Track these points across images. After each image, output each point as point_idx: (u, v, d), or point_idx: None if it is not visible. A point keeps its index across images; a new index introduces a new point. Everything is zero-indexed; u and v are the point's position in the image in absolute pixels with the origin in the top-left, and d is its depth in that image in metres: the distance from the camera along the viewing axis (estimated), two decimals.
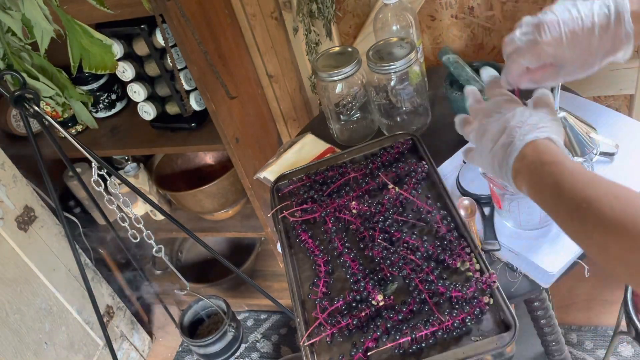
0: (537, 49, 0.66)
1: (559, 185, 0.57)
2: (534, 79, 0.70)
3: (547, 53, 0.65)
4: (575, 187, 0.56)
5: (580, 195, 0.55)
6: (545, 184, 0.59)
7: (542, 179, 0.60)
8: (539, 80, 0.70)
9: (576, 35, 0.63)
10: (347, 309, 0.79)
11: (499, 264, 0.87)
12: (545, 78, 0.69)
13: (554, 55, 0.66)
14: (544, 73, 0.69)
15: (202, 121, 1.45)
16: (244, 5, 1.36)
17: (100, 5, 0.84)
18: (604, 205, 0.52)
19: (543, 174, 0.60)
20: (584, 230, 0.54)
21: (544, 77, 0.69)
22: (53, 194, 0.96)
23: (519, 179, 0.63)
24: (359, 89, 1.13)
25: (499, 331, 0.71)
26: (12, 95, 0.84)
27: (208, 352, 1.33)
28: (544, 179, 0.59)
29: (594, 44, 0.63)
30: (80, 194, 1.80)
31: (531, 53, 0.67)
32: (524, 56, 0.68)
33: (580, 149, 0.91)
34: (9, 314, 1.43)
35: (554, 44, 0.65)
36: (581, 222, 0.54)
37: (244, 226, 1.69)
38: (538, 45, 0.66)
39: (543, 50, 0.66)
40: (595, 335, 1.57)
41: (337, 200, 0.93)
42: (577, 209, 0.54)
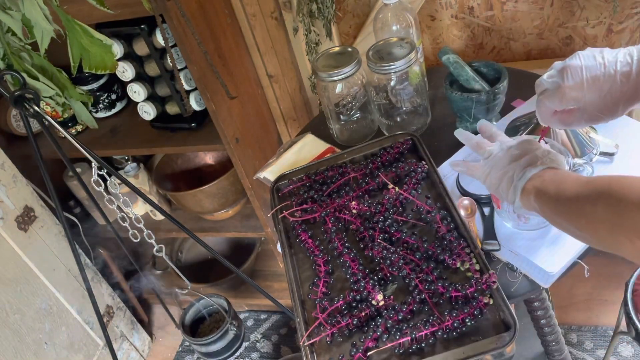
0: (560, 92, 0.69)
1: (562, 181, 0.64)
2: (562, 120, 0.74)
3: (569, 97, 0.69)
4: (577, 177, 0.63)
5: (581, 180, 0.62)
6: (550, 185, 0.65)
7: (546, 183, 0.66)
8: (565, 121, 0.73)
9: (598, 81, 0.66)
10: (347, 309, 0.79)
11: (498, 264, 0.87)
12: (571, 120, 0.73)
13: (575, 99, 0.69)
14: (569, 115, 0.72)
15: (202, 121, 1.45)
16: (244, 5, 1.36)
17: (100, 5, 0.84)
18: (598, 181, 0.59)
19: (548, 181, 0.66)
20: (579, 205, 0.60)
21: (569, 119, 0.73)
22: (53, 194, 0.96)
23: (527, 192, 0.69)
24: (359, 89, 1.13)
25: (499, 331, 0.71)
26: (12, 95, 0.83)
27: (209, 351, 1.33)
28: (548, 183, 0.66)
29: (616, 91, 0.66)
30: (80, 194, 1.80)
31: (555, 96, 0.70)
32: (549, 99, 0.71)
33: (580, 149, 0.91)
34: (9, 314, 1.44)
35: (575, 88, 0.68)
36: (577, 199, 0.61)
37: (244, 226, 1.69)
38: (561, 89, 0.69)
39: (565, 94, 0.69)
40: (595, 335, 1.57)
41: (337, 200, 0.93)
42: (575, 192, 0.61)
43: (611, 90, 0.66)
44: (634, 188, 0.54)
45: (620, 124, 1.00)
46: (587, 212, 0.59)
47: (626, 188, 0.55)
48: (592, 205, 0.58)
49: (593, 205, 0.58)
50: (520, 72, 1.20)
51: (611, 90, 0.66)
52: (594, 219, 0.58)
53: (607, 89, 0.66)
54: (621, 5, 1.23)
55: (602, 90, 0.66)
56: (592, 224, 0.59)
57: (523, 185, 0.69)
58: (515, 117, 1.02)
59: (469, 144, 0.82)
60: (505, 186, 0.72)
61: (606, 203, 0.56)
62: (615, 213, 0.55)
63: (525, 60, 1.39)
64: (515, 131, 0.97)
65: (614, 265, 1.67)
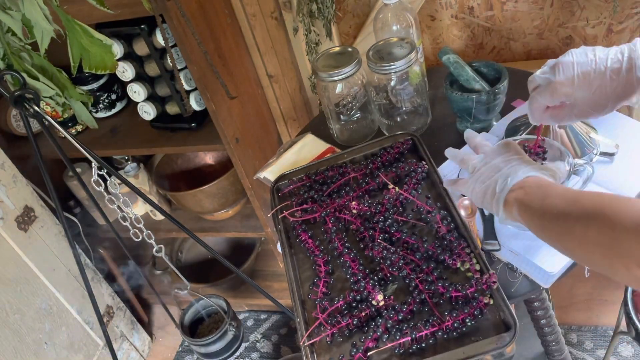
0: (551, 88, 0.70)
1: (547, 195, 0.64)
2: (553, 116, 0.74)
3: (560, 92, 0.70)
4: (564, 193, 0.62)
5: (567, 196, 0.61)
6: (534, 198, 0.65)
7: (529, 196, 0.66)
8: (557, 117, 0.74)
9: (588, 76, 0.67)
10: (347, 309, 0.79)
11: (499, 264, 0.87)
12: (562, 116, 0.73)
13: (566, 94, 0.70)
14: (561, 111, 0.73)
15: (202, 121, 1.45)
16: (244, 5, 1.36)
17: (100, 5, 0.84)
18: (587, 201, 0.58)
19: (531, 194, 0.66)
20: (568, 225, 0.59)
21: (560, 114, 0.73)
22: (53, 194, 0.96)
23: (510, 203, 0.68)
24: (359, 89, 1.13)
25: (499, 331, 0.71)
26: (12, 95, 0.83)
27: (208, 351, 1.33)
28: (531, 196, 0.66)
29: (606, 87, 0.67)
30: (80, 194, 1.80)
31: (547, 91, 0.71)
32: (541, 94, 0.72)
33: (580, 149, 0.91)
34: (9, 314, 1.43)
35: (566, 84, 0.69)
36: (565, 219, 0.60)
37: (244, 226, 1.69)
38: (552, 84, 0.70)
39: (556, 89, 0.70)
40: (595, 335, 1.57)
41: (337, 200, 0.93)
42: (562, 211, 0.60)
43: (601, 86, 0.67)
44: (628, 212, 0.53)
45: (620, 124, 1.00)
46: (579, 235, 0.57)
47: (620, 213, 0.53)
48: (583, 227, 0.57)
49: (585, 227, 0.56)
50: (520, 72, 1.20)
51: (601, 86, 0.67)
52: (586, 242, 0.57)
53: (597, 85, 0.67)
54: (621, 5, 1.23)
55: (592, 86, 0.67)
56: (584, 246, 0.57)
57: (504, 197, 0.68)
58: (515, 117, 1.02)
59: (455, 161, 0.81)
60: (489, 198, 0.71)
61: (599, 227, 0.55)
62: (610, 238, 0.54)
63: (525, 60, 1.39)
64: (515, 131, 0.97)
65: None
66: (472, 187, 0.75)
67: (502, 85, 1.00)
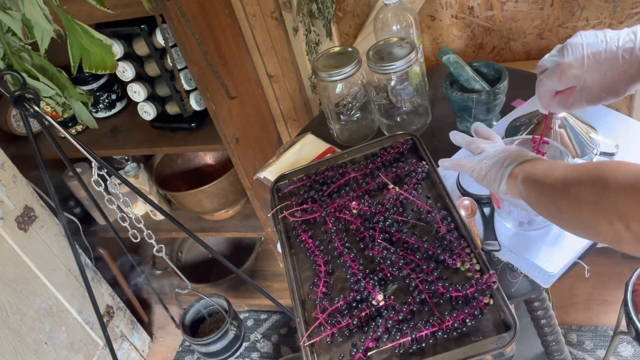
0: (559, 70, 0.68)
1: (551, 166, 0.64)
2: (561, 102, 0.72)
3: (569, 74, 0.67)
4: (567, 164, 0.62)
5: (570, 165, 0.61)
6: (539, 168, 0.65)
7: (534, 167, 0.66)
8: (565, 103, 0.72)
9: (599, 57, 0.65)
10: (347, 309, 0.79)
11: (499, 264, 0.87)
12: (571, 101, 0.71)
13: (575, 76, 0.67)
14: (570, 96, 0.71)
15: (202, 121, 1.45)
16: (244, 5, 1.36)
17: (100, 5, 0.84)
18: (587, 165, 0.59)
19: (537, 165, 0.66)
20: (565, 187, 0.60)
21: (569, 100, 0.71)
22: (53, 194, 0.96)
23: (514, 175, 0.68)
24: (359, 89, 1.13)
25: (499, 331, 0.71)
26: (12, 95, 0.83)
27: (209, 351, 1.33)
28: (536, 167, 0.66)
29: (617, 68, 0.64)
30: (80, 194, 1.80)
31: (555, 73, 0.69)
32: (549, 77, 0.70)
33: (580, 149, 0.91)
34: (9, 314, 1.43)
35: (575, 65, 0.66)
36: (564, 181, 0.60)
37: (244, 226, 1.69)
38: (561, 66, 0.68)
39: (565, 71, 0.67)
40: (595, 335, 1.57)
41: (337, 200, 0.93)
42: (562, 174, 0.61)
43: (612, 67, 0.64)
44: (622, 171, 0.53)
45: (620, 124, 1.00)
46: (572, 193, 0.58)
47: (615, 170, 0.54)
48: (578, 186, 0.58)
49: (579, 185, 0.57)
50: (520, 72, 1.20)
51: (612, 67, 0.64)
52: (577, 199, 0.58)
53: (608, 66, 0.65)
54: (621, 5, 1.23)
55: (602, 66, 0.65)
56: (574, 203, 0.58)
57: (512, 169, 0.68)
58: (515, 117, 1.02)
59: (462, 142, 0.81)
60: (494, 171, 0.71)
61: (592, 184, 0.56)
62: (599, 193, 0.55)
63: (525, 60, 1.39)
64: (515, 131, 0.97)
65: (614, 265, 1.67)
66: (476, 165, 0.75)
67: (502, 85, 1.00)
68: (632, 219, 0.51)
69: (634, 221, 0.51)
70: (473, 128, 0.84)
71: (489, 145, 0.77)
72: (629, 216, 0.51)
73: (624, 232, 0.52)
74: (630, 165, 0.54)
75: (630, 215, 0.51)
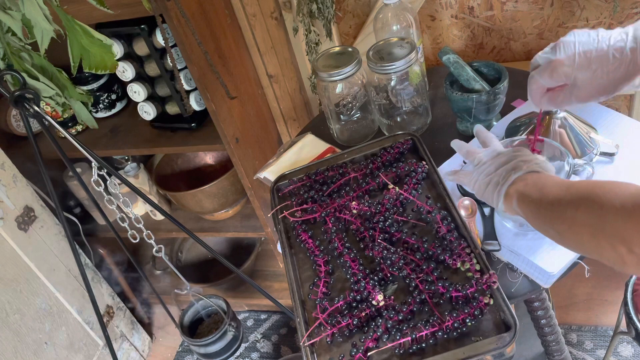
0: (551, 66, 0.69)
1: (544, 184, 0.65)
2: (552, 99, 0.73)
3: (560, 71, 0.68)
4: (560, 182, 0.63)
5: (563, 183, 0.62)
6: (532, 188, 0.66)
7: (528, 187, 0.67)
8: (555, 100, 0.73)
9: (590, 55, 0.66)
10: (347, 309, 0.79)
11: (499, 264, 0.87)
12: (561, 99, 0.72)
13: (566, 74, 0.68)
14: (560, 93, 0.72)
15: (202, 121, 1.45)
16: (244, 5, 1.36)
17: (100, 5, 0.84)
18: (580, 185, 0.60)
19: (530, 185, 0.67)
20: (560, 209, 0.60)
21: (559, 98, 0.72)
22: (53, 194, 0.96)
23: (510, 195, 0.69)
24: (359, 89, 1.13)
25: (499, 331, 0.71)
26: (12, 95, 0.83)
27: (208, 352, 1.33)
28: (530, 187, 0.67)
29: (607, 67, 0.65)
30: (80, 194, 1.80)
31: (546, 70, 0.70)
32: (540, 74, 0.71)
33: (580, 149, 0.91)
34: (9, 314, 1.43)
35: (567, 63, 0.67)
36: (558, 203, 0.61)
37: (244, 226, 1.69)
38: (552, 63, 0.69)
39: (556, 67, 0.68)
40: (595, 335, 1.57)
41: (337, 200, 0.93)
42: (556, 196, 0.61)
43: (602, 65, 0.65)
44: (615, 193, 0.54)
45: (620, 124, 1.00)
46: (569, 217, 0.59)
47: (608, 193, 0.54)
48: (573, 210, 0.58)
49: (575, 209, 0.58)
50: (520, 72, 1.20)
51: (602, 65, 0.65)
52: (575, 224, 0.58)
53: (598, 64, 0.65)
54: (621, 5, 1.23)
55: (593, 64, 0.66)
56: (573, 228, 0.58)
57: (506, 189, 0.69)
58: (515, 117, 1.02)
59: (461, 152, 0.83)
60: (491, 190, 0.72)
61: (588, 208, 0.56)
62: (597, 218, 0.55)
63: (525, 60, 1.39)
64: (515, 131, 0.97)
65: None
66: (475, 179, 0.75)
67: (502, 85, 1.00)
68: (635, 243, 0.52)
69: (636, 245, 0.52)
70: (474, 130, 0.84)
71: (485, 154, 0.77)
72: (631, 240, 0.52)
73: (627, 256, 0.53)
74: (623, 186, 0.54)
75: (632, 239, 0.52)
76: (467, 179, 0.78)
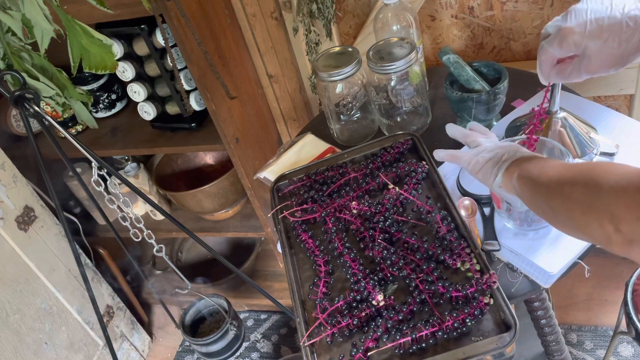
0: (560, 34, 0.66)
1: (546, 164, 0.65)
2: (560, 72, 0.71)
3: (570, 40, 0.66)
4: (562, 163, 0.63)
5: (564, 164, 0.62)
6: (534, 166, 0.66)
7: (530, 164, 0.67)
8: (564, 73, 0.70)
9: (602, 23, 0.63)
10: (348, 309, 0.79)
11: (499, 264, 0.87)
12: (570, 71, 0.69)
13: (576, 43, 0.66)
14: (568, 65, 0.69)
15: (202, 121, 1.45)
16: (244, 5, 1.36)
17: (100, 5, 0.84)
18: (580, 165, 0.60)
19: (533, 163, 0.67)
20: (558, 186, 0.60)
21: (568, 70, 0.70)
22: (53, 194, 0.96)
23: (510, 171, 0.69)
24: (359, 89, 1.13)
25: (499, 331, 0.71)
26: (12, 95, 0.83)
27: (209, 351, 1.33)
28: (532, 165, 0.67)
29: (620, 36, 0.63)
30: (80, 194, 1.80)
31: (556, 39, 0.67)
32: (550, 43, 0.69)
33: (580, 149, 0.91)
34: (9, 314, 1.43)
35: (577, 31, 0.65)
36: (557, 180, 0.61)
37: (244, 226, 1.69)
38: (562, 31, 0.66)
39: (566, 36, 0.66)
40: (595, 335, 1.57)
41: (337, 200, 0.93)
42: (556, 173, 0.61)
43: (615, 34, 0.63)
44: (613, 172, 0.54)
45: (620, 124, 1.00)
46: (565, 193, 0.58)
47: (607, 171, 0.54)
48: (570, 186, 0.58)
49: (572, 186, 0.58)
50: (520, 72, 1.20)
51: (614, 34, 0.63)
52: (570, 199, 0.58)
53: (610, 33, 0.63)
54: None
55: (604, 33, 0.63)
56: (567, 203, 0.58)
57: (508, 165, 0.69)
58: (515, 117, 1.02)
59: (459, 134, 0.83)
60: (491, 165, 0.72)
61: (584, 185, 0.56)
62: (591, 194, 0.55)
63: (525, 60, 1.38)
64: (515, 131, 0.97)
65: (614, 265, 1.67)
66: (472, 157, 0.76)
67: (502, 85, 1.00)
68: (622, 221, 0.51)
69: (623, 223, 0.51)
70: (469, 127, 0.84)
71: (486, 140, 0.78)
72: (619, 218, 0.52)
73: (613, 234, 0.52)
74: (623, 167, 0.54)
75: (620, 217, 0.51)
76: (462, 158, 0.78)
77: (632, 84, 1.30)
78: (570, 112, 0.94)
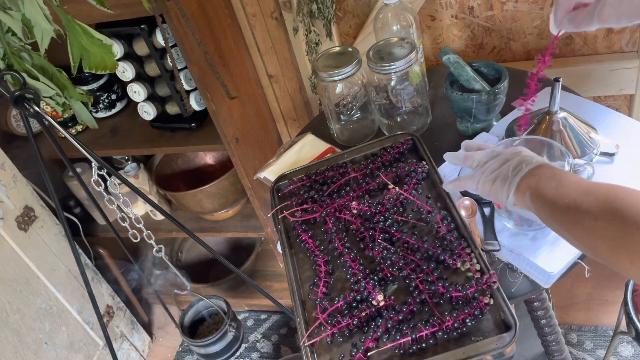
0: None
1: (560, 184, 0.62)
2: (572, 19, 0.69)
3: None
4: (577, 183, 0.61)
5: (580, 186, 0.60)
6: (547, 186, 0.64)
7: (542, 183, 0.65)
8: (575, 20, 0.69)
9: None
10: (348, 309, 0.79)
11: (499, 264, 0.87)
12: (581, 18, 0.68)
13: None
14: (581, 12, 0.68)
15: (202, 121, 1.45)
16: (244, 5, 1.36)
17: (100, 5, 0.84)
18: (599, 193, 0.58)
19: (545, 181, 0.65)
20: (578, 216, 0.59)
21: (580, 17, 0.68)
22: (53, 194, 0.96)
23: (522, 189, 0.68)
24: (359, 89, 1.13)
25: (499, 331, 0.71)
26: (12, 95, 0.83)
27: (208, 352, 1.33)
28: (544, 183, 0.65)
29: None
30: (80, 194, 1.80)
31: None
32: None
33: (581, 149, 0.91)
34: (9, 314, 1.43)
35: None
36: (576, 209, 0.59)
37: (244, 226, 1.69)
38: None
39: None
40: (595, 335, 1.57)
41: (337, 200, 0.93)
42: (574, 200, 0.60)
43: None
44: (637, 208, 0.52)
45: (620, 124, 1.00)
46: (587, 226, 0.57)
47: (631, 206, 0.53)
48: (592, 220, 0.56)
49: (594, 219, 0.56)
50: (520, 72, 1.20)
51: None
52: (594, 234, 0.56)
53: None
54: None
55: None
56: (592, 237, 0.57)
57: (518, 181, 0.67)
58: (515, 117, 1.02)
59: (456, 161, 0.81)
60: (499, 185, 0.70)
61: (608, 220, 0.55)
62: (618, 231, 0.53)
63: (525, 60, 1.39)
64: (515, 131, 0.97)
65: None
66: (478, 179, 0.74)
67: (502, 85, 1.00)
68: None
69: None
70: (463, 146, 0.83)
71: (484, 155, 0.75)
72: None
73: None
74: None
75: None
76: (469, 182, 0.76)
77: (632, 84, 1.30)
78: (570, 112, 0.94)
